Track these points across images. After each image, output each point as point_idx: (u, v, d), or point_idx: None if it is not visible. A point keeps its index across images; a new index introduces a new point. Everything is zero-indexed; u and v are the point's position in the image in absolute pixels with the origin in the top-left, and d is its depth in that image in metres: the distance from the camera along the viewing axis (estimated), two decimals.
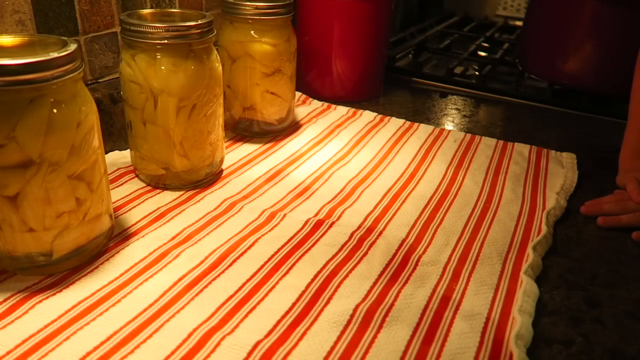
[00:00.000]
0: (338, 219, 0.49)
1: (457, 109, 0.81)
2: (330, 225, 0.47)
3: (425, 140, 0.67)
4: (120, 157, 0.57)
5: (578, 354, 0.35)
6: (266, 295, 0.38)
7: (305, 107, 0.76)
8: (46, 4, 0.50)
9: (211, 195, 0.52)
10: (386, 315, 0.37)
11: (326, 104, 0.78)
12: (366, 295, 0.39)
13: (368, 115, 0.74)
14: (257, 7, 0.58)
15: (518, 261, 0.44)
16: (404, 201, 0.52)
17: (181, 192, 0.51)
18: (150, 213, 0.48)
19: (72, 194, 0.37)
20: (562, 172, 0.60)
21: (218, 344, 0.34)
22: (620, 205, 0.52)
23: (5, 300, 0.36)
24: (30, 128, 0.33)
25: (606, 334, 0.37)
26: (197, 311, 0.36)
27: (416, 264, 0.43)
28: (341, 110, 0.75)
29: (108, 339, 0.33)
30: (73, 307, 0.36)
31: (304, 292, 0.39)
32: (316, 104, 0.78)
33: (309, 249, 0.44)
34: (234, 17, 0.60)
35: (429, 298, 0.39)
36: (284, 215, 0.49)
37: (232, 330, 0.35)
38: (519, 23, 1.28)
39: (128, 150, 0.54)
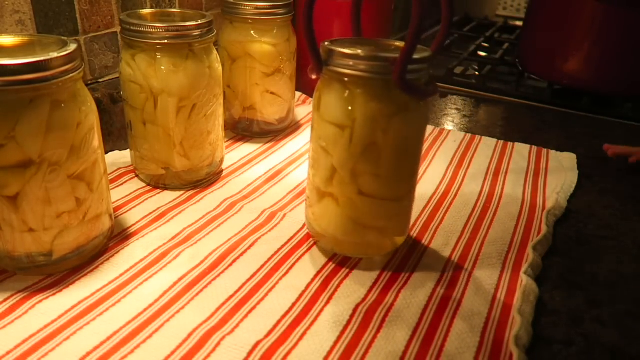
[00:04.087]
0: None
1: (457, 109, 0.81)
2: None
3: (425, 140, 0.67)
4: (120, 157, 0.57)
5: (578, 354, 0.35)
6: (266, 295, 0.38)
7: (305, 107, 0.76)
8: (46, 4, 0.50)
9: (211, 195, 0.52)
10: (386, 315, 0.37)
11: None
12: (366, 295, 0.39)
13: None
14: (257, 7, 0.58)
15: (518, 261, 0.44)
16: None
17: (181, 192, 0.52)
18: (150, 213, 0.48)
19: (72, 194, 0.37)
20: (562, 172, 0.60)
21: (218, 344, 0.34)
22: None
23: (5, 300, 0.36)
24: (30, 128, 0.33)
25: (606, 334, 0.37)
26: (197, 311, 0.36)
27: (416, 264, 0.43)
28: None
29: (108, 339, 0.33)
30: (73, 307, 0.36)
31: (304, 292, 0.39)
32: None
33: (309, 249, 0.44)
34: (234, 17, 0.60)
35: (429, 298, 0.39)
36: (284, 215, 0.49)
37: (232, 330, 0.35)
38: (519, 23, 1.28)
39: (128, 150, 0.54)
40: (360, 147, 0.38)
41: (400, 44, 0.40)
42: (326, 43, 0.39)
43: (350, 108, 0.38)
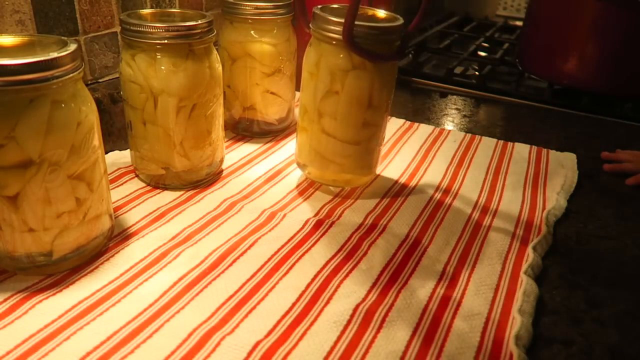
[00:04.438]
0: (338, 218, 0.49)
1: (457, 109, 0.81)
2: (330, 225, 0.47)
3: (425, 140, 0.67)
4: (120, 157, 0.57)
5: (578, 354, 0.35)
6: (266, 295, 0.38)
7: None
8: (46, 4, 0.50)
9: (211, 195, 0.52)
10: (386, 315, 0.37)
11: None
12: (366, 295, 0.39)
13: None
14: (257, 7, 0.58)
15: (518, 261, 0.44)
16: (404, 201, 0.52)
17: (181, 192, 0.52)
18: (150, 213, 0.48)
19: (72, 194, 0.37)
20: (562, 172, 0.60)
21: (218, 344, 0.34)
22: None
23: (5, 300, 0.36)
24: (30, 128, 0.33)
25: (606, 334, 0.37)
26: (197, 311, 0.36)
27: (416, 264, 0.43)
28: None
29: (108, 339, 0.33)
30: (73, 307, 0.36)
31: (304, 292, 0.39)
32: None
33: (309, 249, 0.44)
34: (234, 17, 0.60)
35: (429, 298, 0.39)
36: (284, 215, 0.49)
37: (232, 330, 0.35)
38: (519, 23, 1.28)
39: (128, 150, 0.54)
40: (322, 93, 0.48)
41: (386, 14, 0.50)
42: (319, 6, 0.47)
43: (317, 60, 0.48)
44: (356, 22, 0.44)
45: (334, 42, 0.46)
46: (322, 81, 0.48)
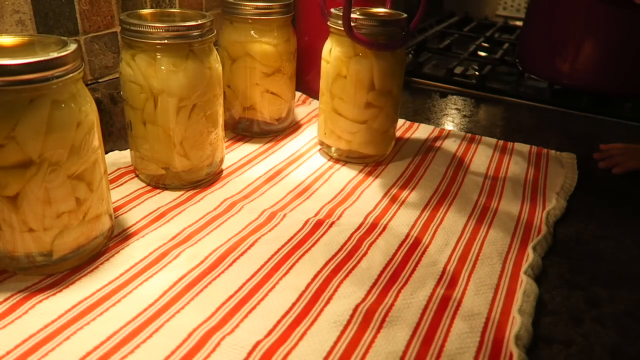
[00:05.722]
0: (338, 218, 0.49)
1: (457, 109, 0.81)
2: (330, 225, 0.47)
3: (425, 140, 0.67)
4: (120, 157, 0.57)
5: (578, 354, 0.35)
6: (266, 295, 0.38)
7: (305, 107, 0.76)
8: (46, 4, 0.50)
9: (211, 195, 0.52)
10: (386, 315, 0.37)
11: None
12: (366, 295, 0.39)
13: None
14: (257, 7, 0.58)
15: (518, 261, 0.44)
16: (404, 201, 0.52)
17: (181, 192, 0.52)
18: (150, 213, 0.48)
19: (72, 194, 0.37)
20: (562, 172, 0.60)
21: (218, 344, 0.34)
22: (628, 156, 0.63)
23: (5, 300, 0.36)
24: (30, 128, 0.33)
25: (606, 334, 0.37)
26: (197, 311, 0.36)
27: (416, 264, 0.43)
28: None
29: (108, 339, 0.33)
30: (73, 307, 0.36)
31: (304, 292, 0.39)
32: (316, 104, 0.78)
33: (309, 249, 0.44)
34: (234, 17, 0.60)
35: (429, 298, 0.39)
36: (284, 215, 0.49)
37: (232, 330, 0.35)
38: (519, 23, 1.28)
39: (128, 150, 0.54)
40: (332, 77, 0.57)
41: (392, 12, 0.58)
42: (337, 7, 0.55)
43: (330, 49, 0.56)
44: (358, 16, 0.53)
45: (342, 34, 0.53)
46: (333, 67, 0.56)
